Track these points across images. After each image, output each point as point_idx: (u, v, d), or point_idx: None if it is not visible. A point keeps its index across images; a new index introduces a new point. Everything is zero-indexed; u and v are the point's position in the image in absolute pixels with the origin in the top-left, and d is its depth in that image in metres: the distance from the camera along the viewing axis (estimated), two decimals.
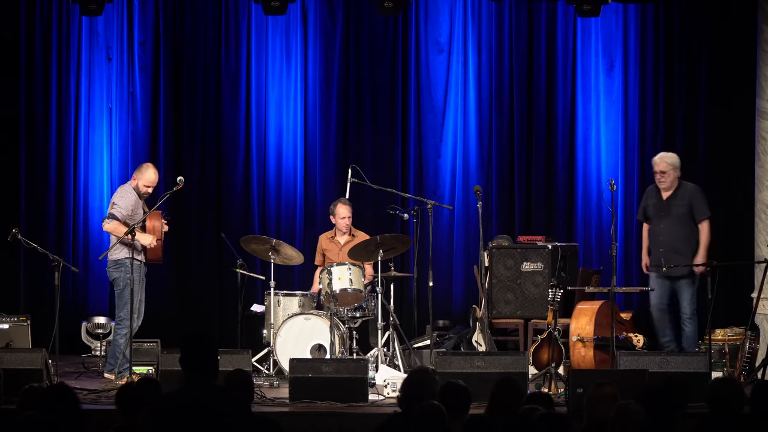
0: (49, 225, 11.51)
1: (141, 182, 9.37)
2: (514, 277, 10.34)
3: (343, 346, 9.56)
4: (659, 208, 9.80)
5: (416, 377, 5.94)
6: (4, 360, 8.43)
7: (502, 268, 10.36)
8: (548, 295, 9.10)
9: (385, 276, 9.81)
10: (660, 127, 11.43)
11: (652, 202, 9.86)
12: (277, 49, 11.66)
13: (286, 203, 11.66)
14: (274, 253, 9.84)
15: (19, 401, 5.74)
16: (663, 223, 9.76)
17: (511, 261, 10.37)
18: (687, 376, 7.99)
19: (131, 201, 9.31)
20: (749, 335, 9.32)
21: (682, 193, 9.76)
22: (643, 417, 5.09)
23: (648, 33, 11.47)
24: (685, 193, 9.76)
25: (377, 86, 11.67)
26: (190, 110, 11.66)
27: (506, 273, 10.36)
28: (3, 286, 11.32)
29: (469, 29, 11.58)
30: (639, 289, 10.45)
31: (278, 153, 11.67)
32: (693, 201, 9.72)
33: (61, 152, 11.57)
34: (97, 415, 6.98)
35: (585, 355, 9.48)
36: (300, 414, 7.99)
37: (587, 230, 11.49)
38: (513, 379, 5.86)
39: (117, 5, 11.42)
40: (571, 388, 8.04)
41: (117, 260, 9.28)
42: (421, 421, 5.17)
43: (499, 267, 10.35)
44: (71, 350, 10.93)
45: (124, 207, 9.26)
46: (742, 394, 5.63)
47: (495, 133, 11.57)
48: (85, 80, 11.59)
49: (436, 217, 10.52)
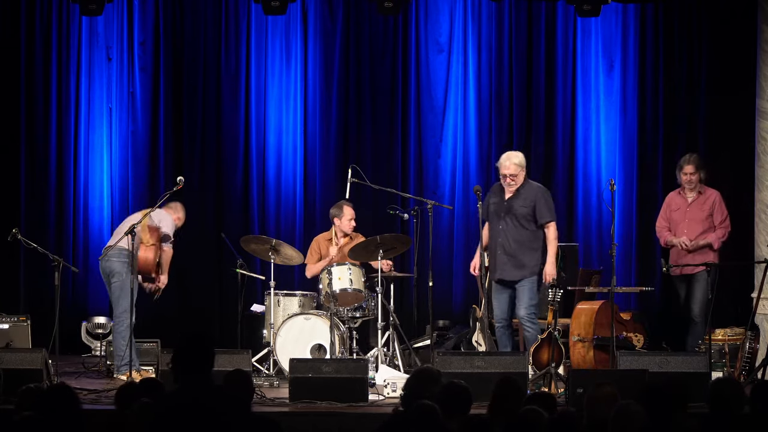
0: (49, 225, 11.51)
1: (177, 221, 9.84)
2: None
3: (343, 346, 9.57)
4: (500, 209, 9.32)
5: (421, 376, 5.95)
6: (4, 360, 8.43)
7: None
8: (548, 295, 9.09)
9: (385, 276, 9.81)
10: (660, 127, 11.43)
11: (494, 201, 9.37)
12: (277, 49, 11.66)
13: (286, 203, 11.66)
14: (274, 253, 9.84)
15: (17, 402, 5.74)
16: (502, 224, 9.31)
17: None
18: (687, 376, 8.01)
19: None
20: (749, 335, 9.32)
21: (525, 194, 9.29)
22: (644, 417, 5.10)
23: (648, 33, 11.47)
24: (529, 193, 9.29)
25: (377, 86, 11.67)
26: (190, 110, 11.66)
27: None
28: (3, 286, 11.32)
29: (469, 29, 11.58)
30: (639, 289, 10.45)
31: (278, 153, 11.67)
32: (537, 202, 9.26)
33: (61, 152, 11.57)
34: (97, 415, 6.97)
35: (585, 355, 9.48)
36: (300, 414, 7.99)
37: (587, 230, 11.49)
38: (514, 380, 5.86)
39: (117, 5, 11.42)
40: (571, 388, 8.04)
41: (122, 248, 9.28)
42: (416, 421, 5.17)
43: None
44: (71, 350, 10.92)
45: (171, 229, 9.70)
46: (743, 394, 5.63)
47: (495, 133, 11.57)
48: (85, 80, 11.59)
49: (436, 217, 10.52)
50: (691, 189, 9.92)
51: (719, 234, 9.86)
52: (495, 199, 9.41)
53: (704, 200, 9.94)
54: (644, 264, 11.33)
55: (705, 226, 9.88)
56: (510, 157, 9.34)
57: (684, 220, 9.94)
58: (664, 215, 10.08)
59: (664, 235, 10.03)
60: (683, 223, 9.93)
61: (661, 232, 10.08)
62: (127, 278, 9.20)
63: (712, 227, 9.89)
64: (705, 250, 9.82)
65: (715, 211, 9.91)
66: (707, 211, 9.90)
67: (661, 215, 10.13)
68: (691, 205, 9.93)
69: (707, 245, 9.83)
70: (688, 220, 9.92)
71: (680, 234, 9.90)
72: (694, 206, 9.93)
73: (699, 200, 9.94)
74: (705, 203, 9.93)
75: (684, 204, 9.97)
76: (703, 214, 9.90)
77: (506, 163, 9.30)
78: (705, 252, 9.82)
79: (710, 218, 9.90)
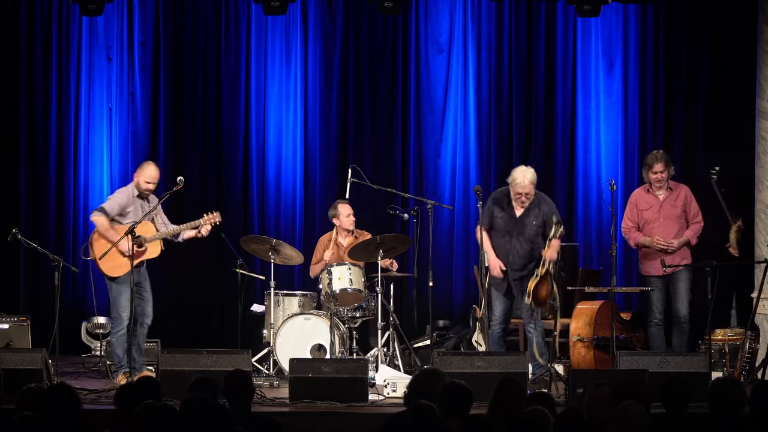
0: (49, 225, 11.51)
1: (141, 179, 9.34)
2: None
3: (343, 346, 9.57)
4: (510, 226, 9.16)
5: (424, 376, 5.95)
6: (4, 360, 8.42)
7: None
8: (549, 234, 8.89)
9: (385, 276, 9.81)
10: (660, 127, 11.44)
11: (501, 215, 9.18)
12: (277, 49, 11.66)
13: (286, 203, 11.66)
14: (274, 253, 9.84)
15: (17, 402, 5.74)
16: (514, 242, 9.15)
17: None
18: (687, 376, 8.00)
19: (122, 199, 9.31)
20: (749, 335, 9.32)
21: (535, 208, 9.15)
22: (644, 417, 5.10)
23: (648, 33, 11.47)
24: (540, 206, 9.15)
25: (377, 86, 11.67)
26: (190, 110, 11.66)
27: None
28: (3, 286, 11.32)
29: (469, 29, 11.58)
30: (639, 289, 10.43)
31: (278, 153, 11.67)
32: (547, 218, 9.09)
33: (61, 152, 11.57)
34: (97, 415, 6.98)
35: (585, 355, 9.48)
36: (300, 414, 7.99)
37: (587, 230, 11.50)
38: (515, 380, 5.86)
39: (117, 5, 11.42)
40: (571, 388, 8.04)
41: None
42: (414, 421, 5.17)
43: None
44: (71, 350, 10.93)
45: (114, 203, 9.30)
46: (743, 394, 5.62)
47: (495, 133, 11.57)
48: (85, 80, 11.59)
49: (436, 217, 10.52)
50: (659, 187, 9.55)
51: (695, 229, 9.56)
52: (502, 213, 9.17)
53: (675, 197, 9.58)
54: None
55: (680, 223, 9.56)
56: (526, 175, 9.06)
57: (658, 219, 9.54)
58: (631, 215, 9.64)
59: (633, 236, 9.61)
60: (657, 222, 9.55)
61: (630, 233, 9.64)
62: (124, 280, 9.16)
63: (686, 224, 9.59)
64: (684, 249, 9.53)
65: (688, 207, 9.58)
66: (680, 208, 9.56)
67: (627, 216, 9.68)
68: (664, 203, 9.56)
69: (685, 242, 9.52)
70: (662, 219, 9.54)
71: (655, 233, 9.50)
72: (667, 204, 9.56)
73: (671, 197, 9.58)
74: (677, 199, 9.58)
75: (656, 202, 9.57)
76: (676, 211, 9.55)
77: (524, 183, 9.03)
78: (683, 250, 9.52)
79: (683, 215, 9.58)
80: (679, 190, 9.65)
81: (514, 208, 9.18)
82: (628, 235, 9.70)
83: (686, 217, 9.62)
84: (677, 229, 9.55)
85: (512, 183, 9.13)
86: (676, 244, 9.48)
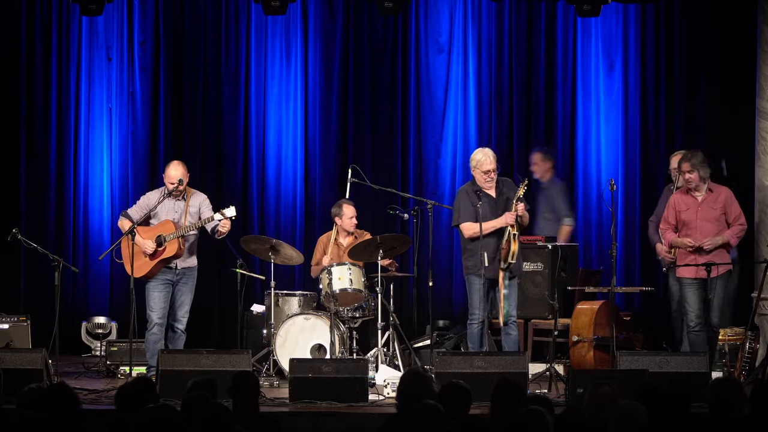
0: (49, 225, 11.52)
1: (165, 179, 9.45)
2: None
3: (343, 346, 9.57)
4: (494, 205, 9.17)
5: (409, 378, 5.96)
6: (4, 360, 8.43)
7: None
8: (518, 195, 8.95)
9: (385, 276, 9.81)
10: (660, 127, 11.44)
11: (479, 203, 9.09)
12: (277, 49, 11.66)
13: (286, 203, 11.66)
14: (274, 253, 9.84)
15: (18, 402, 5.74)
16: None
17: None
18: (687, 376, 8.00)
19: (144, 202, 9.43)
20: (749, 335, 9.31)
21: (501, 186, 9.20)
22: (645, 417, 5.09)
23: (648, 33, 11.47)
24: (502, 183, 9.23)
25: (377, 86, 11.67)
26: (190, 110, 11.66)
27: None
28: (3, 286, 11.32)
29: (469, 29, 11.58)
30: (639, 289, 10.45)
31: (278, 153, 11.67)
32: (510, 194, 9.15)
33: (61, 152, 11.58)
34: (97, 415, 6.98)
35: (585, 355, 9.48)
36: (300, 414, 7.99)
37: (587, 230, 11.49)
38: (514, 380, 5.86)
39: (117, 5, 11.42)
40: (571, 388, 8.04)
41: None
42: (420, 420, 5.17)
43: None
44: (71, 350, 10.93)
45: (136, 206, 9.43)
46: (743, 394, 5.62)
47: (495, 133, 11.57)
48: (85, 80, 11.59)
49: (436, 217, 10.51)
50: (693, 188, 9.31)
51: (736, 230, 9.30)
52: (481, 201, 9.04)
53: (714, 198, 9.33)
54: (645, 264, 11.31)
55: (719, 225, 9.30)
56: (486, 152, 9.15)
57: (696, 220, 9.32)
58: (669, 217, 9.42)
59: (668, 236, 9.41)
60: (695, 223, 9.33)
61: (665, 233, 9.45)
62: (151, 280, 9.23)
63: (726, 226, 9.33)
64: (721, 251, 9.26)
65: (728, 209, 9.32)
66: (719, 210, 9.30)
67: (665, 217, 9.47)
68: (702, 204, 9.32)
69: (724, 243, 9.26)
70: (701, 220, 9.30)
71: (692, 235, 9.28)
72: (705, 205, 9.31)
73: (709, 199, 9.32)
74: (716, 201, 9.33)
75: (694, 203, 9.33)
76: (715, 213, 9.29)
77: (489, 158, 9.09)
78: (722, 252, 9.26)
79: (723, 217, 9.32)
80: (719, 192, 9.38)
81: (488, 191, 9.16)
82: (664, 235, 9.49)
83: (726, 220, 9.35)
84: (715, 231, 9.27)
85: (478, 165, 9.14)
86: (709, 243, 9.21)
